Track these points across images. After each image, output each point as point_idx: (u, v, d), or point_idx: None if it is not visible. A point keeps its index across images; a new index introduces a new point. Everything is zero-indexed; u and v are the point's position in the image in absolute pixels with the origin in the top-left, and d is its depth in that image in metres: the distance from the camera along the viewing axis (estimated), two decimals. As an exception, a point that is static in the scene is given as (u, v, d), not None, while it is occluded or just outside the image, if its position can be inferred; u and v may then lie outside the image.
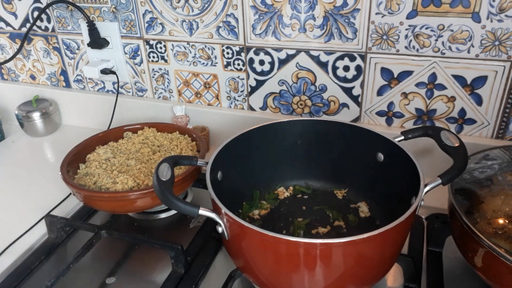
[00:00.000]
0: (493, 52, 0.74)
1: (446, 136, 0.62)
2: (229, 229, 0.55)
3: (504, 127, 0.80)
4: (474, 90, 0.78)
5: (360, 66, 0.83)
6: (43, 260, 0.72)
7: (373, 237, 0.49)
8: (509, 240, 0.54)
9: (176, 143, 0.85)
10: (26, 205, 0.85)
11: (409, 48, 0.78)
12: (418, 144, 0.81)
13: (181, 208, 0.54)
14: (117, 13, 0.96)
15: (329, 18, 0.80)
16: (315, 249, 0.50)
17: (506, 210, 0.58)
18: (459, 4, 0.72)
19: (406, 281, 0.63)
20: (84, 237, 0.74)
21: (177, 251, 0.66)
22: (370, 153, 0.71)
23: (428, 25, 0.75)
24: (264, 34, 0.86)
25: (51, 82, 1.17)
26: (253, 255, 0.56)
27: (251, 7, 0.84)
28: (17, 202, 0.86)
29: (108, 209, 0.75)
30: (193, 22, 0.91)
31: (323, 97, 0.89)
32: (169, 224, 0.80)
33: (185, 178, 0.72)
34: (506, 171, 0.65)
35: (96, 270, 0.70)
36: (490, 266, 0.54)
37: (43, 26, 1.07)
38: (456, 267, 0.66)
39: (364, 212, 0.73)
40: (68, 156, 0.80)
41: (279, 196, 0.78)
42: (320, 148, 0.76)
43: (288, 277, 0.54)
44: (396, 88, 0.83)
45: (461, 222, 0.56)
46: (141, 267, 0.70)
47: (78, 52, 1.07)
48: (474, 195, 0.61)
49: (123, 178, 0.73)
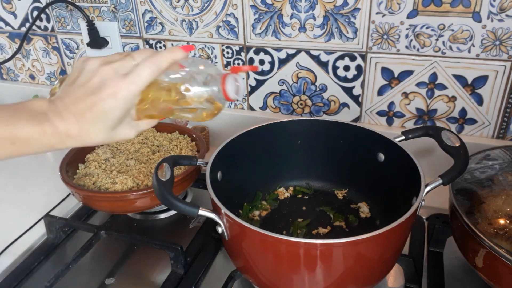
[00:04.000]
0: (493, 52, 0.74)
1: (447, 136, 0.62)
2: (229, 230, 0.55)
3: (505, 127, 0.80)
4: (475, 90, 0.78)
5: (361, 66, 0.83)
6: (42, 261, 0.72)
7: (374, 238, 0.49)
8: (510, 240, 0.54)
9: (175, 143, 0.84)
10: (25, 205, 0.85)
11: (409, 47, 0.78)
12: (418, 144, 0.80)
13: (181, 208, 0.53)
14: (117, 13, 0.96)
15: (329, 18, 0.80)
16: (315, 250, 0.50)
17: (507, 210, 0.58)
18: (459, 3, 0.72)
19: (406, 282, 0.63)
20: (84, 237, 0.74)
21: (176, 252, 0.66)
22: (371, 153, 0.70)
23: (428, 24, 0.75)
24: (264, 33, 0.86)
25: (50, 82, 1.16)
26: (253, 255, 0.55)
27: (251, 6, 0.84)
28: (16, 202, 0.86)
29: (108, 210, 0.75)
30: (193, 22, 0.91)
31: (323, 97, 0.89)
32: (169, 224, 0.80)
33: (184, 178, 0.72)
34: (507, 171, 0.64)
35: (95, 271, 0.70)
36: (491, 266, 0.54)
37: (42, 26, 1.07)
38: (457, 267, 0.65)
39: (364, 213, 0.73)
40: (67, 156, 0.80)
41: (279, 197, 0.78)
42: (320, 148, 0.75)
43: (288, 278, 0.54)
44: (396, 88, 0.82)
45: (462, 222, 0.56)
46: (140, 267, 0.70)
47: (78, 52, 1.07)
48: (475, 195, 0.61)
49: (122, 178, 0.73)
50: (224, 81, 0.46)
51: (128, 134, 0.47)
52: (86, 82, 0.44)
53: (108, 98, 0.43)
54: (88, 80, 0.44)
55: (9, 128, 0.41)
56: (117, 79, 0.43)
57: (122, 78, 0.43)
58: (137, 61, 0.45)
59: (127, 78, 0.43)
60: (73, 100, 0.43)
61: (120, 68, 0.44)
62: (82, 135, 0.44)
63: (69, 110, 0.43)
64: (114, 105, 0.43)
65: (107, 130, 0.45)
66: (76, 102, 0.43)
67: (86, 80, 0.44)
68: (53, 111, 0.43)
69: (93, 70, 0.44)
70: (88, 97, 0.43)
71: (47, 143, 0.43)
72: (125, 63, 0.44)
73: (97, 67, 0.44)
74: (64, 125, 0.43)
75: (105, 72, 0.43)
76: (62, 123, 0.43)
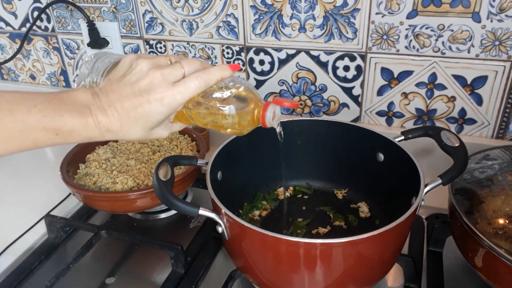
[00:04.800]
0: (493, 52, 0.74)
1: (446, 136, 0.62)
2: (229, 229, 0.55)
3: (504, 127, 0.80)
4: (474, 90, 0.78)
5: (360, 66, 0.83)
6: (43, 260, 0.72)
7: (373, 237, 0.49)
8: (509, 240, 0.54)
9: (176, 143, 0.85)
10: (25, 205, 0.85)
11: (409, 48, 0.78)
12: (418, 144, 0.81)
13: (181, 208, 0.53)
14: (117, 13, 0.96)
15: (329, 18, 0.80)
16: (315, 249, 0.50)
17: (507, 210, 0.58)
18: (459, 4, 0.72)
19: (406, 281, 0.63)
20: (84, 237, 0.74)
21: (177, 251, 0.66)
22: (370, 153, 0.71)
23: (428, 25, 0.75)
24: (264, 34, 0.86)
25: (51, 82, 1.16)
26: (253, 255, 0.56)
27: (251, 7, 0.84)
28: (16, 202, 0.86)
29: (108, 209, 0.75)
30: (193, 22, 0.91)
31: (323, 97, 0.89)
32: (169, 224, 0.80)
33: (185, 178, 0.72)
34: (506, 171, 0.64)
35: (96, 270, 0.70)
36: (490, 266, 0.54)
37: (43, 26, 1.07)
38: (457, 267, 0.66)
39: (364, 212, 0.73)
40: (68, 156, 0.80)
41: (279, 197, 0.78)
42: (320, 148, 0.75)
43: (288, 277, 0.54)
44: (396, 88, 0.83)
45: (462, 222, 0.56)
46: (141, 267, 0.70)
47: (78, 52, 1.07)
48: (474, 195, 0.61)
49: (123, 178, 0.73)
50: (266, 108, 0.49)
51: (162, 134, 0.50)
52: (134, 82, 0.45)
53: (154, 102, 0.45)
54: (137, 81, 0.45)
55: (56, 119, 0.42)
56: (166, 86, 0.45)
57: (170, 86, 0.45)
58: (185, 70, 0.47)
59: (176, 87, 0.45)
60: (118, 97, 0.45)
61: (169, 75, 0.45)
62: (122, 131, 0.45)
63: (114, 107, 0.44)
64: (159, 110, 0.45)
65: (145, 130, 0.47)
66: (122, 100, 0.45)
67: (135, 80, 0.45)
68: (97, 106, 0.44)
69: (143, 72, 0.45)
70: (135, 97, 0.44)
71: (87, 136, 0.44)
72: (174, 70, 0.46)
73: (146, 69, 0.45)
74: (107, 120, 0.44)
75: (154, 76, 0.45)
76: (105, 118, 0.44)
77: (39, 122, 0.41)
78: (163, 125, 0.49)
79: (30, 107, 0.41)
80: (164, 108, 0.45)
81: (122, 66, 0.47)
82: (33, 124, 0.41)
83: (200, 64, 0.48)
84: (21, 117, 0.41)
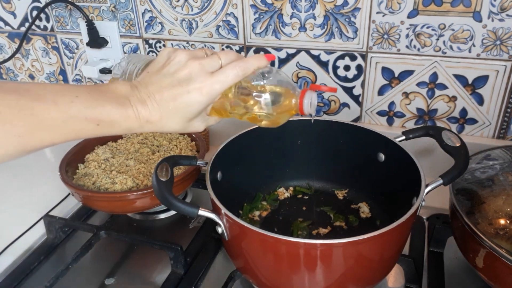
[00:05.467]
0: (494, 52, 0.73)
1: (447, 136, 0.62)
2: (229, 230, 0.55)
3: (505, 127, 0.79)
4: (475, 90, 0.78)
5: (361, 66, 0.83)
6: (42, 261, 0.72)
7: (374, 238, 0.48)
8: (510, 240, 0.54)
9: (175, 143, 0.84)
10: (24, 205, 0.85)
11: (410, 47, 0.78)
12: (419, 144, 0.80)
13: (181, 208, 0.53)
14: (116, 12, 0.96)
15: (330, 17, 0.80)
16: (315, 250, 0.49)
17: (508, 211, 0.57)
18: (460, 3, 0.71)
19: (407, 282, 0.63)
20: (83, 237, 0.74)
21: (176, 252, 0.66)
22: (371, 153, 0.70)
23: (429, 24, 0.75)
24: (264, 33, 0.86)
25: (50, 82, 1.16)
26: (253, 255, 0.55)
27: (251, 6, 0.84)
28: (15, 202, 0.86)
29: (107, 210, 0.75)
30: (193, 21, 0.90)
31: (323, 97, 0.89)
32: (169, 224, 0.80)
33: (184, 178, 0.72)
34: (507, 171, 0.64)
35: (95, 271, 0.70)
36: (491, 266, 0.54)
37: (42, 26, 1.06)
38: (457, 267, 0.65)
39: (364, 213, 0.73)
40: (67, 156, 0.80)
41: (279, 197, 0.78)
42: (321, 148, 0.75)
43: (289, 278, 0.54)
44: (397, 87, 0.82)
45: (462, 222, 0.56)
46: (140, 267, 0.70)
47: (77, 52, 1.07)
48: (475, 195, 0.61)
49: (122, 178, 0.73)
50: (303, 95, 0.48)
51: (199, 127, 0.50)
52: (173, 72, 0.45)
53: (193, 92, 0.45)
54: (176, 71, 0.45)
55: (98, 110, 0.43)
56: (204, 75, 0.45)
57: (209, 75, 0.45)
58: (222, 61, 0.47)
59: (215, 76, 0.46)
60: (158, 88, 0.45)
61: (207, 65, 0.46)
62: (162, 122, 0.46)
63: (154, 98, 0.45)
64: (198, 99, 0.45)
65: (184, 121, 0.47)
66: (161, 91, 0.45)
67: (174, 70, 0.45)
68: (136, 97, 0.45)
69: (181, 62, 0.46)
70: (174, 87, 0.45)
71: (127, 127, 0.45)
72: (211, 61, 0.46)
73: (185, 60, 0.46)
74: (147, 111, 0.45)
75: (193, 66, 0.45)
76: (145, 109, 0.45)
77: (81, 113, 0.42)
78: (200, 117, 0.49)
79: (72, 97, 0.42)
80: (203, 98, 0.45)
81: (160, 59, 0.48)
82: (75, 115, 0.42)
83: (236, 55, 0.49)
84: (64, 108, 0.41)
